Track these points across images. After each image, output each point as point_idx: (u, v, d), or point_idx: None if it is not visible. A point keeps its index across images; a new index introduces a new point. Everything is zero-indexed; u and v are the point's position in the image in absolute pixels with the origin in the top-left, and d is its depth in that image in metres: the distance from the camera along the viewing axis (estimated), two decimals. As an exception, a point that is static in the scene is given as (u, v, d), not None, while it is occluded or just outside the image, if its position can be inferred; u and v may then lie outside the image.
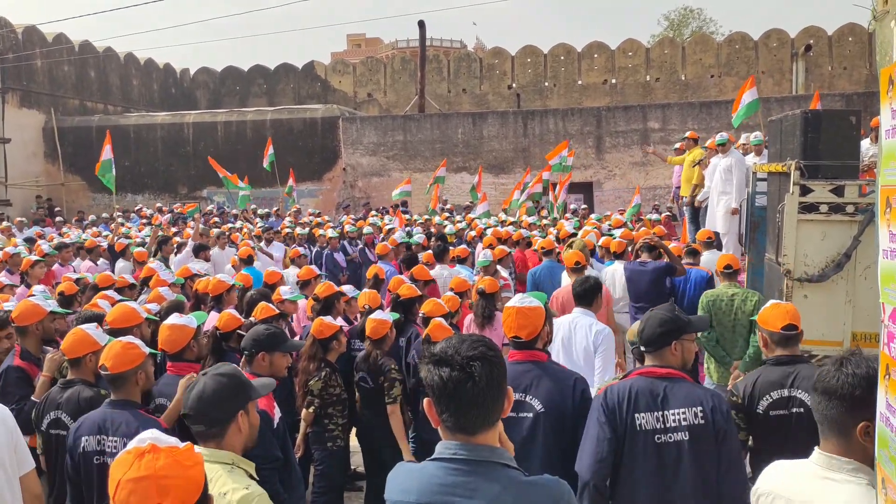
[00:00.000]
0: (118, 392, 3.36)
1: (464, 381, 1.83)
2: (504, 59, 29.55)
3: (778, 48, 27.63)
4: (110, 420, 3.25)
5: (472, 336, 1.96)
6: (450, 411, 1.85)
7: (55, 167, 23.97)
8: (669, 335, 3.18)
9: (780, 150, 6.32)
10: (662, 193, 19.96)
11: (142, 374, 3.39)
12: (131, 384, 3.36)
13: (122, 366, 3.33)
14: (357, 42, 75.95)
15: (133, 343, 3.42)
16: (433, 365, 1.88)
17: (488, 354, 1.88)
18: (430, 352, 1.93)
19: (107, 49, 27.33)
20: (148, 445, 1.77)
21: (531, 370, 3.36)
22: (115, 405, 3.33)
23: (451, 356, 1.86)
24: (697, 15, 42.83)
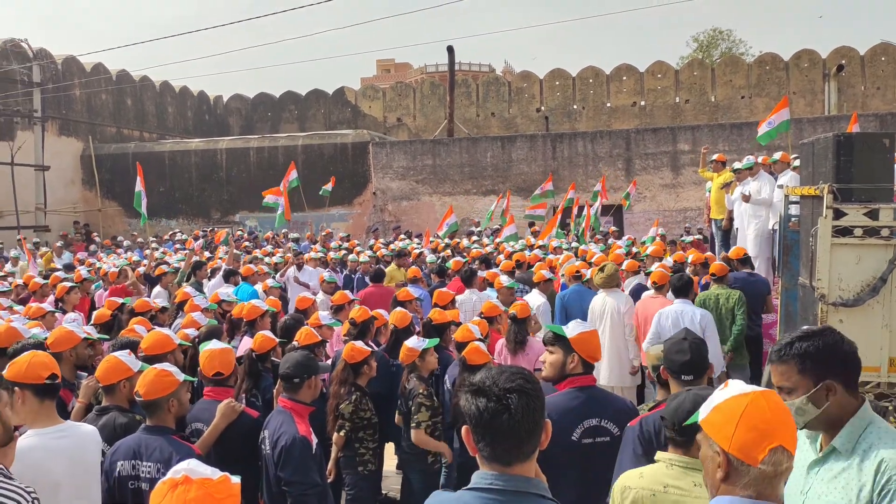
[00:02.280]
0: (152, 418, 3.43)
1: (500, 412, 1.85)
2: (532, 83, 29.68)
3: (809, 69, 27.41)
4: (144, 445, 3.31)
5: (511, 368, 1.97)
6: (486, 441, 1.88)
7: (92, 193, 24.50)
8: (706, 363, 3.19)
9: (812, 174, 6.25)
10: (694, 215, 19.82)
11: (174, 401, 3.45)
12: (164, 411, 3.43)
13: (155, 393, 3.40)
14: (386, 67, 76.81)
15: (167, 371, 3.48)
16: (471, 395, 1.90)
17: (526, 387, 1.89)
18: (469, 381, 1.96)
19: (143, 78, 27.98)
20: (181, 477, 1.81)
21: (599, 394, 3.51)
22: (150, 431, 3.40)
23: (488, 387, 1.88)
24: (727, 36, 42.63)
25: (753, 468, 1.75)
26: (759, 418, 1.76)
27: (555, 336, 3.57)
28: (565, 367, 3.50)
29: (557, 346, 3.53)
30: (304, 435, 3.78)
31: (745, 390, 1.83)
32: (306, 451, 3.75)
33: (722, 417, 1.81)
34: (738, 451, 1.76)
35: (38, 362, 3.28)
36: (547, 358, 3.58)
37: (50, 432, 3.11)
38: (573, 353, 3.47)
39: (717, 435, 1.81)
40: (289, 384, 3.97)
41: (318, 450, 3.93)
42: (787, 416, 1.83)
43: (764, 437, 1.75)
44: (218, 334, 5.48)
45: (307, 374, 3.97)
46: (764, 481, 1.77)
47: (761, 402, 1.80)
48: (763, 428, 1.76)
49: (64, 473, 3.03)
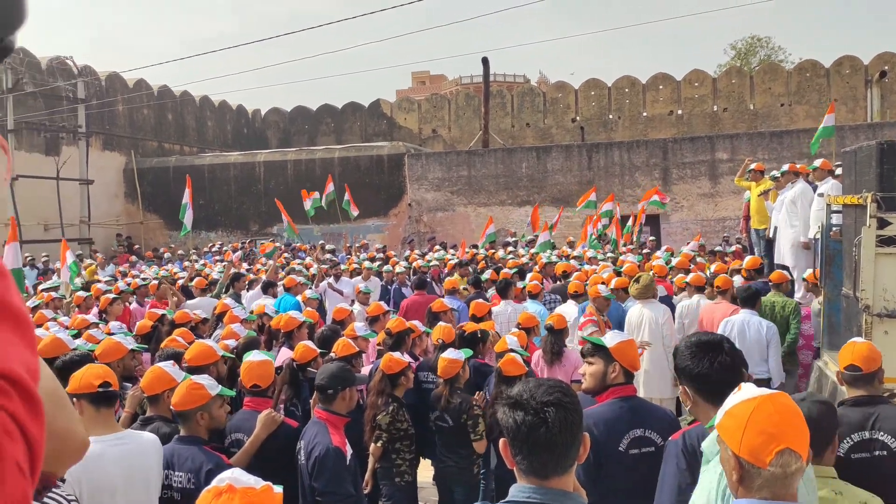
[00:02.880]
0: (185, 428, 3.52)
1: (537, 425, 1.85)
2: (568, 93, 29.61)
3: (851, 75, 26.93)
4: (177, 455, 3.39)
5: (549, 381, 1.98)
6: (523, 454, 1.88)
7: (135, 206, 25.01)
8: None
9: (855, 182, 6.15)
10: (732, 225, 19.56)
11: (204, 414, 3.52)
12: (194, 422, 3.51)
13: (185, 404, 3.49)
14: (421, 79, 77.21)
15: (199, 384, 3.55)
16: (509, 408, 1.91)
17: (564, 401, 1.89)
18: (506, 394, 1.96)
19: (183, 93, 28.54)
20: (226, 485, 1.84)
21: (641, 404, 3.50)
22: (183, 441, 3.49)
23: (526, 400, 1.89)
24: (765, 43, 42.07)
25: (764, 470, 1.80)
26: (766, 422, 1.82)
27: (594, 346, 3.55)
28: (606, 378, 3.47)
29: (598, 357, 3.51)
30: (338, 445, 3.81)
31: (754, 394, 1.89)
32: (340, 461, 3.78)
33: (732, 422, 1.87)
34: (748, 454, 1.82)
35: (92, 373, 3.37)
36: (587, 369, 3.55)
37: (108, 439, 3.17)
38: (614, 363, 3.45)
39: (729, 439, 1.87)
40: (323, 395, 4.01)
41: (352, 461, 3.95)
42: (795, 418, 1.87)
43: (771, 440, 1.80)
44: (256, 346, 5.55)
45: (341, 385, 4.00)
46: (776, 483, 1.82)
47: (768, 405, 1.85)
48: (770, 431, 1.81)
49: (120, 480, 3.08)
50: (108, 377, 3.38)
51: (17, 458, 0.69)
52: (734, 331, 6.72)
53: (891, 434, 3.40)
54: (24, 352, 0.73)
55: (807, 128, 22.72)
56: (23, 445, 0.70)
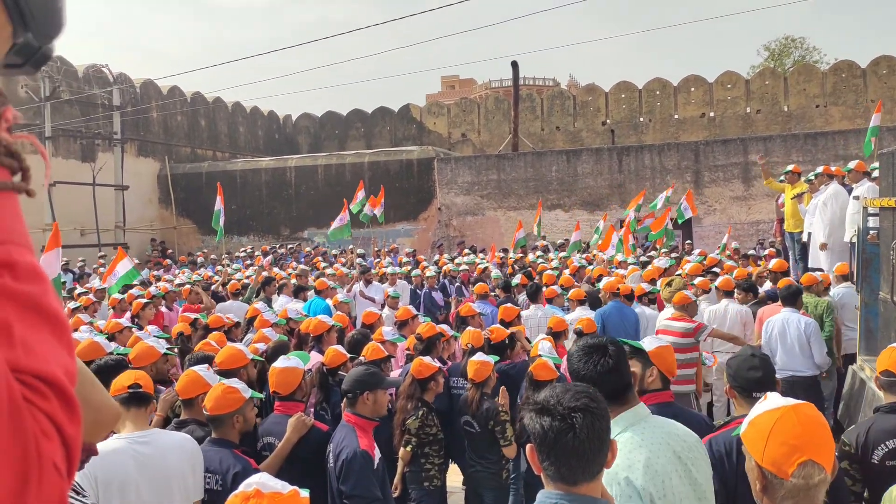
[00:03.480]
0: (217, 431, 3.56)
1: (564, 431, 1.84)
2: (598, 96, 29.45)
3: (888, 75, 26.42)
4: (207, 458, 3.42)
5: (576, 386, 1.97)
6: (550, 460, 1.87)
7: (168, 212, 25.39)
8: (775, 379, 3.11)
9: (892, 184, 6.04)
10: (766, 228, 19.29)
11: (239, 417, 3.57)
12: (229, 426, 3.55)
13: (221, 409, 3.53)
14: (451, 83, 77.32)
15: (234, 387, 3.59)
16: (535, 413, 1.90)
17: (591, 406, 1.88)
18: (533, 400, 1.96)
19: (216, 99, 28.91)
20: (253, 490, 1.87)
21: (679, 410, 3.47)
22: (214, 443, 3.53)
23: (553, 406, 1.88)
24: (800, 44, 41.47)
25: (786, 481, 1.81)
26: (789, 433, 1.83)
27: (633, 350, 3.52)
28: (643, 382, 3.44)
29: (635, 360, 3.47)
30: (366, 449, 3.82)
31: (778, 405, 1.90)
32: (367, 464, 3.79)
33: (756, 432, 1.89)
34: (771, 464, 1.83)
35: (123, 376, 3.46)
36: None
37: (132, 437, 3.22)
38: (652, 367, 3.41)
39: (752, 449, 1.89)
40: (347, 399, 4.05)
41: (380, 464, 3.97)
42: (820, 429, 1.87)
43: (793, 451, 1.81)
44: (285, 350, 5.59)
45: (361, 389, 4.01)
46: (798, 493, 1.82)
47: (791, 416, 1.86)
48: (792, 442, 1.81)
49: (136, 476, 3.11)
50: (140, 379, 3.43)
51: (55, 458, 0.70)
52: (775, 330, 6.87)
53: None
54: (61, 354, 0.75)
55: (842, 129, 22.34)
56: (60, 446, 0.72)
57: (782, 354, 6.81)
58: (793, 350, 6.79)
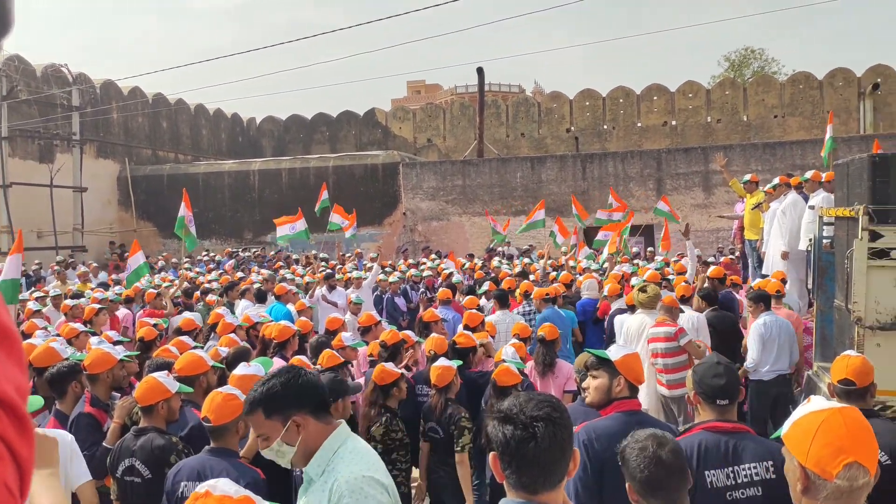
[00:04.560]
0: (218, 441, 3.44)
1: (526, 440, 1.84)
2: (562, 103, 29.71)
3: (844, 87, 27.10)
4: (210, 467, 3.34)
5: (539, 395, 1.97)
6: (512, 468, 1.87)
7: (128, 214, 24.97)
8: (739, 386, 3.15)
9: (847, 195, 6.17)
10: (726, 236, 19.61)
11: (242, 423, 3.45)
12: (231, 434, 3.45)
13: (224, 418, 3.41)
14: (417, 88, 77.42)
15: (233, 394, 3.49)
16: (498, 422, 1.90)
17: (553, 415, 1.88)
18: (496, 408, 1.96)
19: (178, 101, 28.53)
20: (204, 491, 1.86)
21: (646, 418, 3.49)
22: (215, 453, 3.41)
23: (515, 414, 1.88)
24: (759, 55, 42.29)
25: (829, 483, 1.81)
26: (835, 434, 1.82)
27: (599, 360, 3.53)
28: (611, 392, 3.46)
29: (602, 370, 3.49)
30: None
31: (823, 406, 1.91)
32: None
33: (800, 432, 1.89)
34: (815, 465, 1.83)
35: None
36: (591, 383, 3.53)
37: None
38: (619, 377, 3.43)
39: (796, 449, 1.89)
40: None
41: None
42: (865, 432, 1.87)
43: (839, 453, 1.80)
44: (246, 356, 5.52)
45: (333, 396, 3.98)
46: (841, 496, 1.82)
47: (837, 418, 1.86)
48: (838, 444, 1.81)
49: None
50: None
51: (7, 479, 0.68)
52: (773, 333, 6.99)
53: (882, 448, 3.40)
54: (12, 369, 0.73)
55: (800, 139, 22.85)
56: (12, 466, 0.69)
57: (773, 355, 6.98)
58: (783, 349, 7.01)
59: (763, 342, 6.91)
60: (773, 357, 6.97)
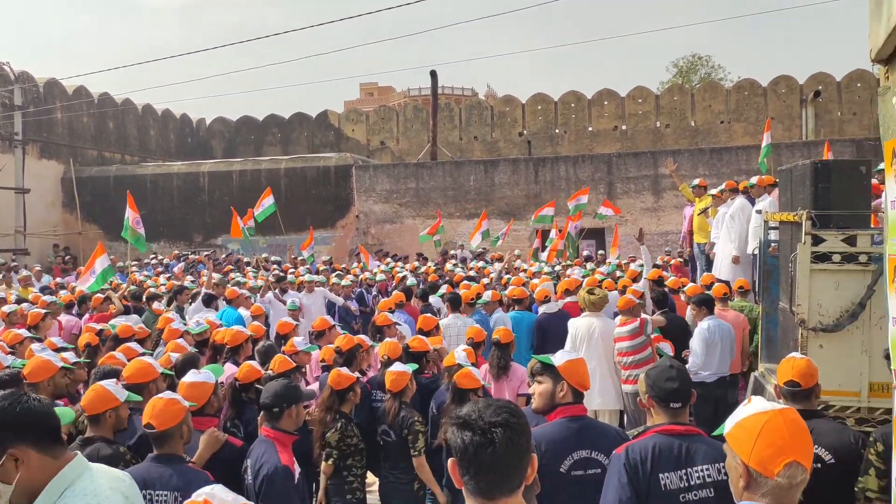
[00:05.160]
0: (162, 448, 3.39)
1: (484, 445, 1.84)
2: (515, 107, 29.92)
3: (787, 94, 27.86)
4: (157, 474, 3.28)
5: (498, 401, 1.96)
6: (470, 474, 1.86)
7: (73, 216, 24.33)
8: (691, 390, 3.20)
9: (790, 200, 6.34)
10: (674, 239, 19.98)
11: (185, 427, 3.43)
12: (176, 439, 3.40)
13: (168, 422, 3.36)
14: (370, 91, 77.17)
15: (175, 398, 3.46)
16: (456, 427, 1.90)
17: (511, 421, 1.88)
18: (455, 413, 1.95)
19: (125, 101, 27.91)
20: (202, 500, 1.83)
21: (591, 424, 3.50)
22: (160, 460, 3.36)
23: (473, 420, 1.88)
24: (706, 62, 43.25)
25: (771, 480, 1.96)
26: (777, 435, 1.96)
27: (543, 366, 3.55)
28: (554, 397, 3.47)
29: (546, 376, 3.51)
30: (287, 464, 3.75)
31: (765, 408, 2.04)
32: (288, 480, 3.72)
33: (743, 433, 2.02)
34: (757, 464, 1.97)
35: None
36: (536, 388, 3.54)
37: None
38: (562, 382, 3.45)
39: (739, 448, 2.02)
40: (269, 413, 3.95)
41: (300, 479, 3.90)
42: (803, 432, 2.02)
43: (780, 453, 1.95)
44: (196, 362, 5.42)
45: (287, 403, 3.94)
46: (780, 492, 1.97)
47: (778, 419, 2.00)
48: (779, 444, 1.95)
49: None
50: None
51: None
52: (716, 337, 7.13)
53: (825, 448, 3.51)
54: None
55: (745, 145, 23.42)
56: None
57: (716, 359, 7.14)
58: (725, 353, 7.16)
59: (707, 345, 7.05)
60: (716, 360, 7.12)
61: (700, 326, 7.19)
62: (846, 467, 3.47)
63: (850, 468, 3.46)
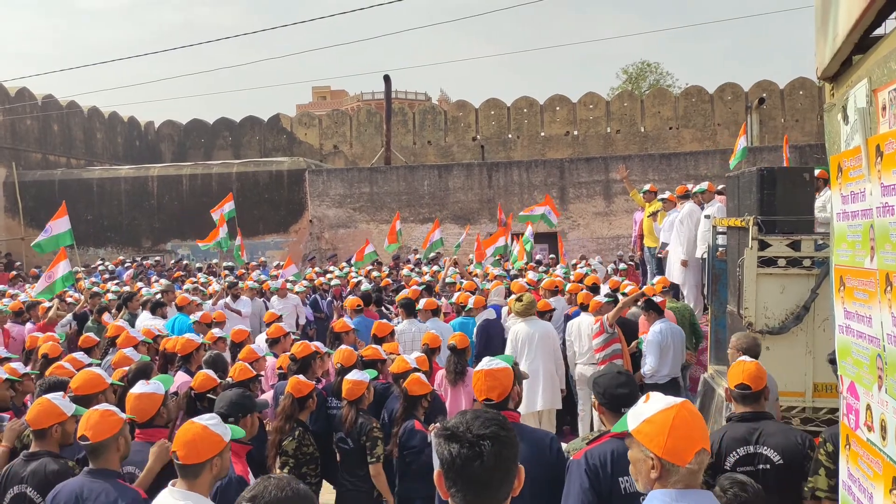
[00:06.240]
0: (98, 461, 3.30)
1: (472, 458, 1.82)
2: (468, 112, 30.05)
3: (733, 101, 28.55)
4: (88, 489, 3.19)
5: (486, 413, 1.94)
6: (457, 487, 1.84)
7: (15, 221, 23.63)
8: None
9: (738, 206, 6.51)
10: (626, 243, 20.29)
11: (121, 439, 3.35)
12: (111, 452, 3.32)
13: (103, 434, 3.28)
14: (322, 94, 76.59)
15: (110, 410, 3.38)
16: (444, 440, 1.87)
17: (500, 434, 1.86)
18: (443, 425, 1.92)
19: (70, 104, 27.23)
20: None
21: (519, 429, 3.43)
22: (94, 474, 3.27)
23: (461, 433, 1.85)
24: (655, 69, 44.04)
25: (682, 468, 2.12)
26: (686, 427, 2.13)
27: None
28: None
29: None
30: (241, 475, 3.70)
31: (669, 403, 2.18)
32: (242, 491, 3.67)
33: (653, 428, 2.15)
34: (671, 455, 2.11)
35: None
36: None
37: None
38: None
39: (651, 443, 2.15)
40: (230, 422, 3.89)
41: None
42: (702, 421, 2.21)
43: (692, 443, 2.12)
44: (148, 371, 5.31)
45: (242, 412, 3.90)
46: (690, 476, 2.14)
47: (685, 413, 2.16)
48: (689, 435, 2.12)
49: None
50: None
51: None
52: (668, 340, 7.23)
53: (773, 448, 3.60)
54: None
55: (693, 150, 23.93)
56: None
57: (668, 361, 7.27)
58: (676, 355, 7.29)
59: (660, 349, 7.17)
60: (668, 362, 7.26)
61: (652, 330, 7.30)
62: (794, 467, 3.57)
63: (798, 468, 3.57)
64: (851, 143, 2.10)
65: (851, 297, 2.21)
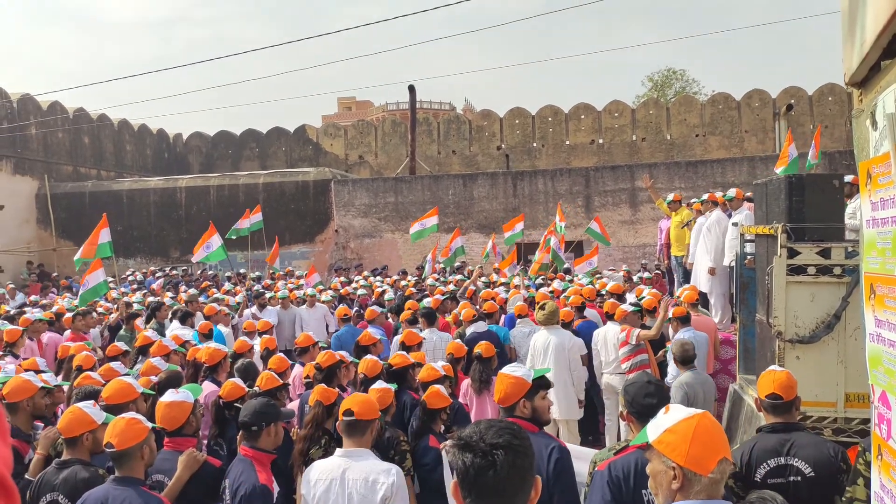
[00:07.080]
0: (122, 469, 3.34)
1: (485, 468, 1.80)
2: (493, 121, 30.07)
3: (760, 108, 28.27)
4: (113, 497, 3.23)
5: (500, 422, 1.92)
6: (472, 497, 1.83)
7: (47, 233, 24.04)
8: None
9: (766, 213, 6.43)
10: (651, 251, 20.14)
11: (146, 448, 3.39)
12: (136, 460, 3.36)
13: (128, 442, 3.32)
14: (348, 105, 77.09)
15: (136, 418, 3.43)
16: (458, 449, 1.86)
17: (514, 443, 1.84)
18: (457, 435, 1.91)
19: (101, 116, 27.69)
20: None
21: None
22: (120, 482, 3.31)
23: (475, 442, 1.84)
24: (681, 76, 43.77)
25: (704, 477, 2.10)
26: (708, 437, 2.12)
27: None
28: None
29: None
30: (265, 483, 3.72)
31: (690, 413, 2.18)
32: (267, 500, 3.70)
33: (677, 438, 2.13)
34: (694, 464, 2.10)
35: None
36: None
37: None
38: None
39: (673, 453, 2.13)
40: (248, 432, 3.92)
41: (280, 499, 3.87)
42: (723, 431, 2.21)
43: (715, 452, 2.11)
44: (177, 381, 5.38)
45: (265, 421, 3.92)
46: (712, 486, 2.11)
47: (707, 422, 2.16)
48: (712, 444, 2.12)
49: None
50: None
51: None
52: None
53: (805, 460, 3.55)
54: (2, 448, 0.71)
55: (720, 158, 23.70)
56: None
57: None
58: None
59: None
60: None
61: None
62: (825, 480, 3.51)
63: (829, 481, 3.50)
64: (881, 149, 2.08)
65: (882, 304, 2.18)
